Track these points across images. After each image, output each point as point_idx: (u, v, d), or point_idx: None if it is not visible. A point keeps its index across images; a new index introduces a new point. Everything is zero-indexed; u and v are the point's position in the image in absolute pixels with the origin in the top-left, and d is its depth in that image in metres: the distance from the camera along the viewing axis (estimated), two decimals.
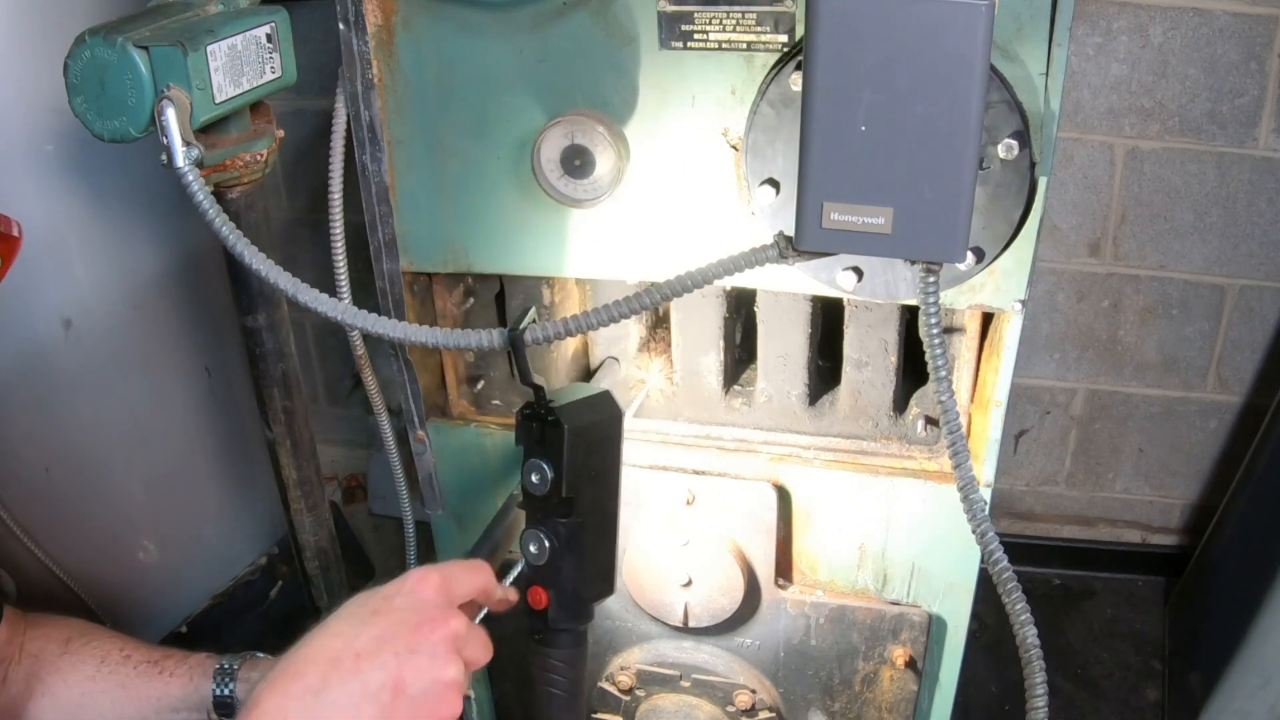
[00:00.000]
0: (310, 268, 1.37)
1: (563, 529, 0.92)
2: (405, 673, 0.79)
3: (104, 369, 1.53)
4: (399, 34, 1.00)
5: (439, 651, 0.81)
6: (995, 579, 0.83)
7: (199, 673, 1.07)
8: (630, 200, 1.02)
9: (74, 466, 1.53)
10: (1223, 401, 2.14)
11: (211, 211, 0.87)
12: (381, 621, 0.81)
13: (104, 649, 1.09)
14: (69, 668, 1.07)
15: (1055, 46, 0.89)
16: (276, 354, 1.17)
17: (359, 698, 0.77)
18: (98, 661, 1.08)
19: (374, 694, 0.78)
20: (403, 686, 0.79)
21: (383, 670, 0.78)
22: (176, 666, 1.08)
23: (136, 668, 1.07)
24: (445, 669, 0.81)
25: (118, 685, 1.06)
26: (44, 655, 1.07)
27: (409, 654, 0.79)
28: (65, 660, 1.07)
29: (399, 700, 0.78)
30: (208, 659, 1.08)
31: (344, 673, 0.78)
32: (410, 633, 0.81)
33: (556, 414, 0.89)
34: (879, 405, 1.17)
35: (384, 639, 0.80)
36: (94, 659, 1.08)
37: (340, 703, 0.77)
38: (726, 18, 0.92)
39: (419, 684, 0.79)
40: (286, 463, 1.24)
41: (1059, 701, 2.08)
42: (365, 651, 0.79)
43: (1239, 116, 1.86)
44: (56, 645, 1.08)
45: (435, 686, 0.80)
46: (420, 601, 0.84)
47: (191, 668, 1.08)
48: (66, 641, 1.08)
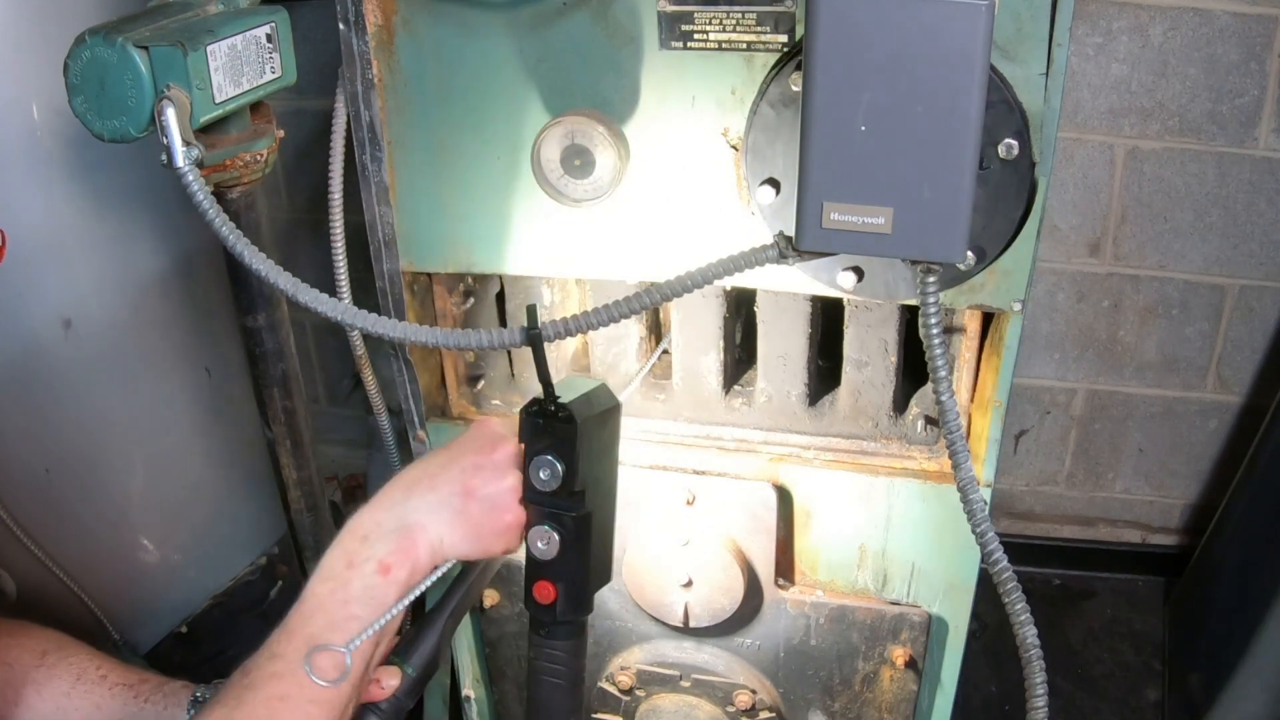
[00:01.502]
0: (310, 268, 1.37)
1: (571, 522, 0.93)
2: (472, 483, 0.93)
3: (104, 369, 1.53)
4: (399, 34, 1.00)
5: (499, 465, 0.95)
6: (995, 579, 0.83)
7: (173, 701, 1.06)
8: (630, 200, 1.02)
9: (74, 466, 1.53)
10: (1223, 401, 2.14)
11: (211, 211, 0.87)
12: (450, 451, 0.97)
13: (80, 666, 1.08)
14: (44, 681, 1.07)
15: (1055, 46, 0.89)
16: (276, 354, 1.17)
17: (435, 505, 0.93)
18: (74, 678, 1.07)
19: (446, 500, 0.93)
20: (472, 491, 0.93)
21: (452, 483, 0.93)
22: (152, 693, 1.07)
23: (111, 689, 1.07)
24: (505, 477, 0.94)
25: (93, 705, 1.06)
26: (19, 665, 1.06)
27: (474, 469, 0.94)
28: (40, 673, 1.07)
29: (470, 503, 0.93)
30: (183, 688, 1.08)
31: (422, 488, 0.93)
32: (473, 453, 0.95)
33: (568, 409, 0.90)
34: (879, 405, 1.17)
35: (452, 459, 0.96)
36: (70, 675, 1.07)
37: (421, 509, 0.92)
38: (726, 18, 0.92)
39: (484, 490, 0.94)
40: (286, 463, 1.24)
41: (1059, 701, 2.08)
42: (437, 471, 0.95)
43: (1239, 116, 1.86)
44: (33, 656, 1.07)
45: (499, 494, 0.94)
46: (481, 433, 0.99)
47: (166, 695, 1.07)
48: (43, 654, 1.08)
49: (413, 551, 0.91)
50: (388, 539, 0.90)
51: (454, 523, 0.93)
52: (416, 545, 0.91)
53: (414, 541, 0.91)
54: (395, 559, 0.90)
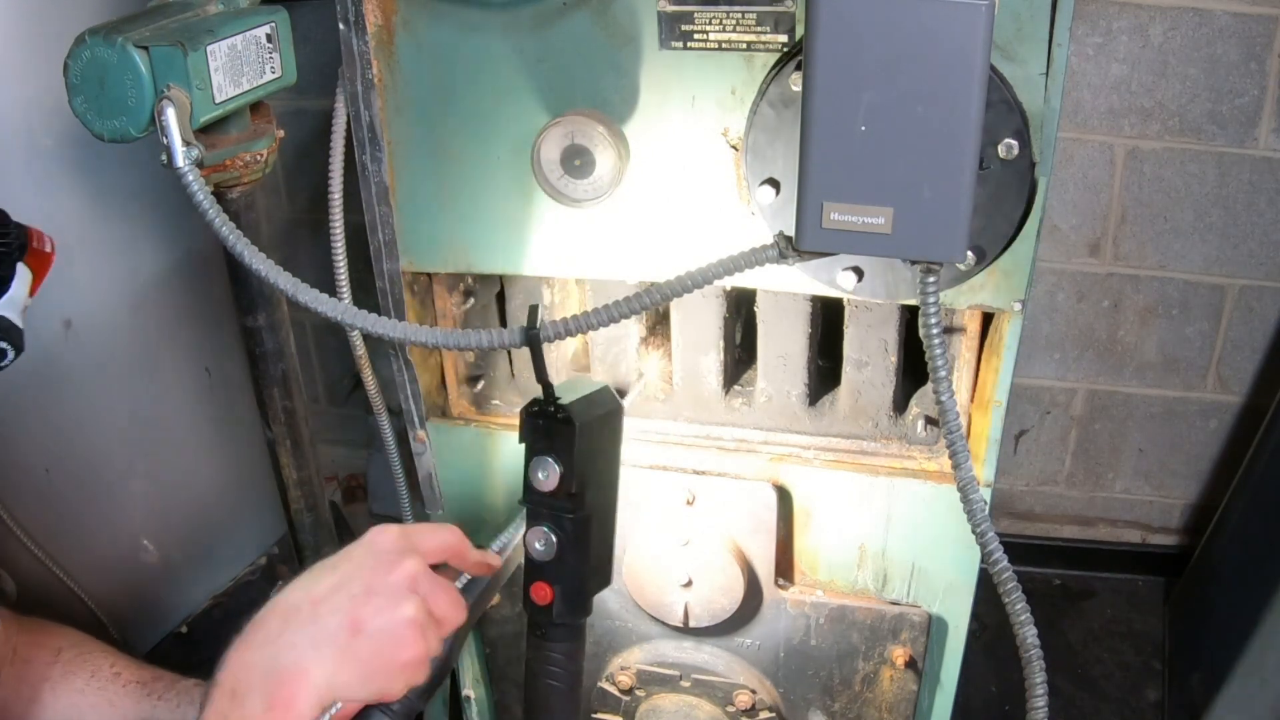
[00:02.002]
0: (310, 268, 1.37)
1: (569, 524, 0.93)
2: (362, 613, 0.80)
3: (104, 369, 1.53)
4: (399, 34, 1.00)
5: (395, 590, 0.82)
6: (995, 579, 0.83)
7: (186, 700, 1.06)
8: (630, 200, 1.02)
9: (74, 466, 1.53)
10: (1223, 401, 2.14)
11: (211, 211, 0.87)
12: (338, 570, 0.83)
13: (95, 663, 1.08)
14: (59, 678, 1.07)
15: (1055, 46, 0.89)
16: (276, 354, 1.17)
17: (317, 639, 0.79)
18: (88, 675, 1.07)
19: (331, 635, 0.79)
20: (360, 625, 0.80)
21: (338, 613, 0.80)
22: (165, 690, 1.07)
23: (125, 686, 1.07)
24: (401, 606, 0.81)
25: (106, 702, 1.06)
26: (35, 661, 1.07)
27: (365, 595, 0.81)
28: (56, 670, 1.07)
29: (357, 639, 0.79)
30: (195, 686, 1.07)
31: (302, 619, 0.80)
32: (367, 575, 0.82)
33: (567, 410, 0.89)
34: (879, 405, 1.17)
35: (339, 584, 0.82)
36: (84, 672, 1.07)
37: (300, 645, 0.79)
38: (726, 18, 0.92)
39: (376, 622, 0.80)
40: (286, 463, 1.24)
41: (1059, 701, 2.08)
42: (321, 597, 0.81)
43: (1239, 116, 1.86)
44: (48, 653, 1.08)
45: (394, 624, 0.81)
46: (377, 549, 0.85)
47: (179, 693, 1.07)
48: (58, 651, 1.08)
49: (292, 706, 0.77)
50: (260, 692, 0.77)
51: (340, 662, 0.79)
52: (295, 696, 0.77)
53: (293, 691, 0.77)
54: (272, 717, 0.76)
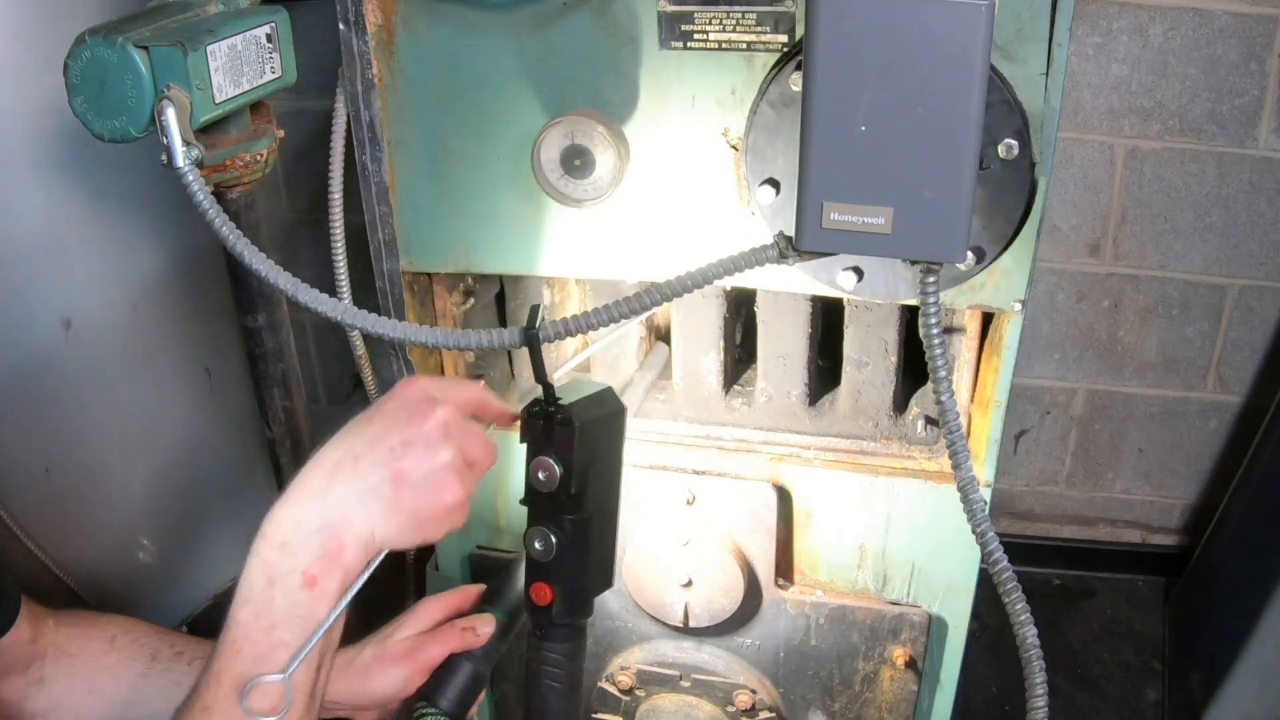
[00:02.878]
0: (310, 268, 1.37)
1: (569, 525, 0.92)
2: (403, 464, 0.81)
3: (104, 369, 1.53)
4: (399, 34, 1.00)
5: (431, 439, 0.83)
6: (995, 579, 0.83)
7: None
8: (630, 200, 1.02)
9: (74, 466, 1.53)
10: (1223, 401, 2.14)
11: (211, 211, 0.87)
12: (375, 425, 0.84)
13: (154, 645, 1.08)
14: (118, 665, 1.06)
15: (1055, 46, 0.89)
16: (276, 354, 1.17)
17: (362, 493, 0.80)
18: (148, 659, 1.07)
19: (375, 488, 0.81)
20: (402, 477, 0.81)
21: (380, 466, 0.81)
22: None
23: (190, 664, 1.07)
24: (439, 453, 0.83)
25: (171, 683, 1.05)
26: (87, 654, 1.06)
27: (403, 446, 0.82)
28: (112, 658, 1.07)
29: (401, 490, 0.81)
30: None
31: (345, 474, 0.81)
32: (402, 428, 0.83)
33: (567, 411, 0.89)
34: (879, 405, 1.17)
35: (378, 438, 0.83)
36: (144, 656, 1.07)
37: (347, 499, 0.80)
38: (726, 18, 0.92)
39: (417, 472, 0.82)
40: (286, 463, 1.24)
41: (1059, 701, 2.08)
42: (362, 452, 0.82)
43: (1239, 116, 1.86)
44: (100, 643, 1.07)
45: (434, 472, 0.82)
46: (408, 399, 0.86)
47: None
48: (111, 639, 1.08)
49: (340, 556, 0.79)
50: (310, 543, 0.79)
51: (386, 514, 0.81)
52: (344, 547, 0.79)
53: (341, 543, 0.79)
54: (321, 568, 0.79)
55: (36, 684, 1.04)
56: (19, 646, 1.03)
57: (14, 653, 1.02)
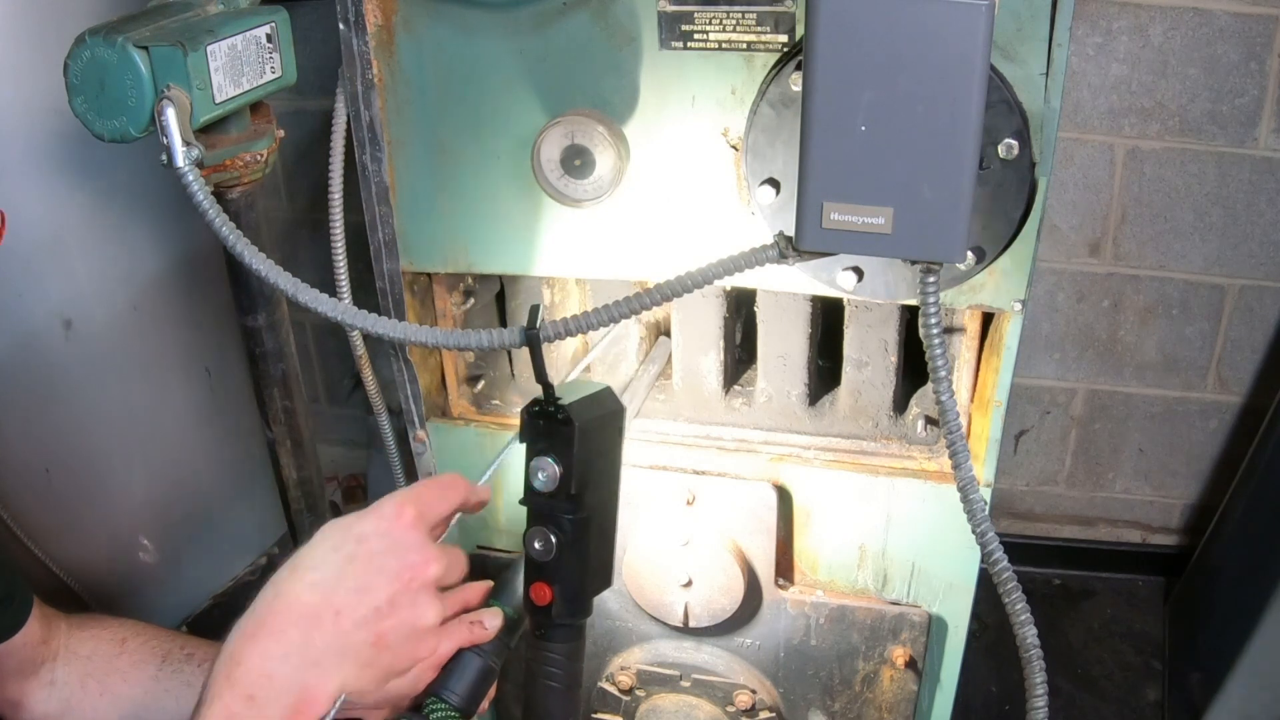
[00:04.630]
0: (310, 268, 1.37)
1: (569, 525, 0.92)
2: (385, 627, 0.79)
3: (104, 369, 1.53)
4: (399, 34, 1.00)
5: (419, 600, 0.80)
6: (995, 579, 0.83)
7: None
8: (630, 200, 1.02)
9: (74, 466, 1.53)
10: (1223, 401, 2.14)
11: (211, 211, 0.87)
12: (359, 570, 0.79)
13: (164, 648, 1.08)
14: (129, 668, 1.07)
15: (1055, 46, 0.89)
16: (276, 354, 1.17)
17: (340, 654, 0.77)
18: (159, 660, 1.07)
19: (355, 650, 0.78)
20: (384, 641, 0.79)
21: (363, 628, 0.78)
22: None
23: (200, 665, 1.07)
24: (425, 615, 0.81)
25: (184, 684, 1.06)
26: (98, 656, 1.07)
27: (389, 607, 0.79)
28: (124, 660, 1.07)
29: (380, 653, 0.79)
30: None
31: (325, 632, 0.77)
32: (389, 583, 0.79)
33: (567, 411, 0.89)
34: (879, 405, 1.17)
35: (363, 591, 0.78)
36: (155, 658, 1.07)
37: (324, 662, 0.77)
38: (726, 18, 0.92)
39: (399, 634, 0.79)
40: (286, 463, 1.24)
41: (1059, 701, 2.08)
42: (345, 607, 0.78)
43: (1239, 116, 1.86)
44: (111, 645, 1.08)
45: (416, 634, 0.81)
46: (397, 544, 0.81)
47: None
48: (122, 641, 1.08)
49: (310, 711, 0.76)
50: (280, 700, 0.75)
51: (360, 674, 0.78)
52: (315, 704, 0.76)
53: (312, 701, 0.76)
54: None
55: (48, 685, 1.05)
56: (31, 648, 1.03)
57: (26, 654, 1.03)
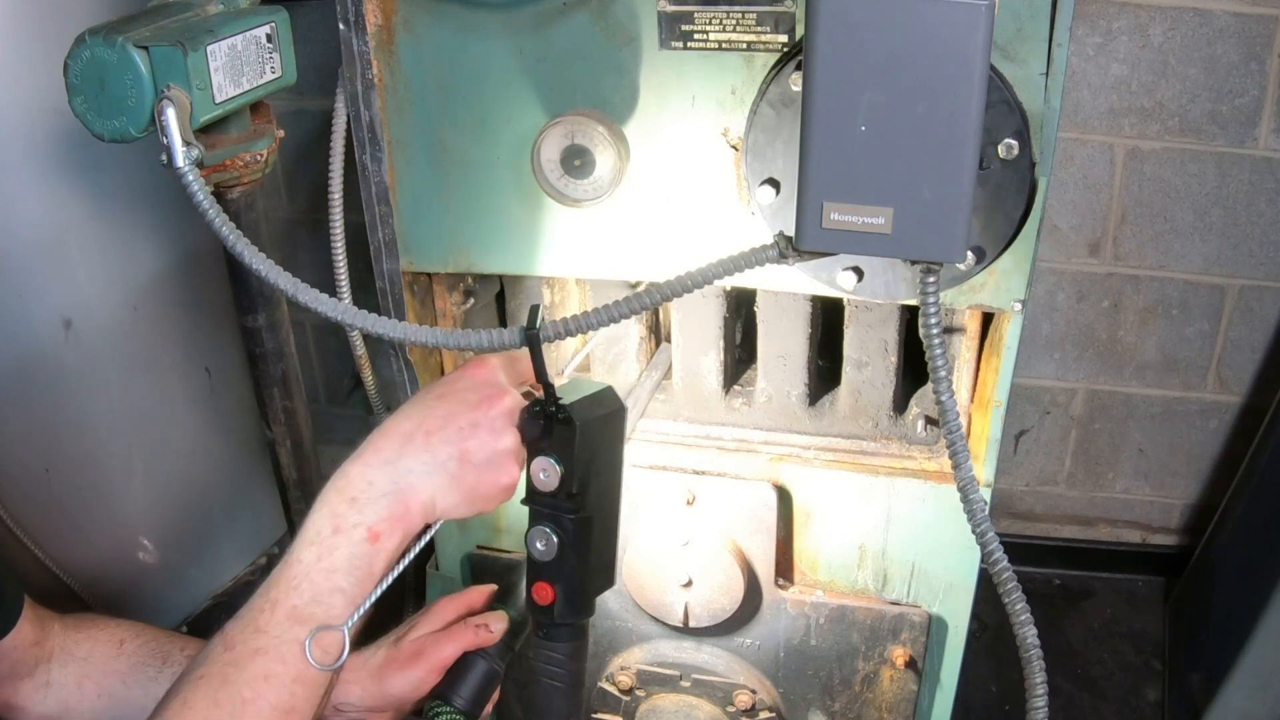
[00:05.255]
0: (310, 268, 1.37)
1: (571, 524, 0.92)
2: (469, 445, 0.88)
3: (104, 369, 1.53)
4: (399, 34, 1.00)
5: (497, 425, 0.89)
6: (995, 579, 0.83)
7: None
8: (630, 200, 1.02)
9: (74, 466, 1.53)
10: (1223, 401, 2.14)
11: (211, 211, 0.87)
12: (446, 402, 0.91)
13: (164, 650, 1.08)
14: (127, 669, 1.06)
15: (1055, 46, 0.89)
16: (276, 354, 1.17)
17: (430, 467, 0.87)
18: (159, 662, 1.07)
19: (443, 464, 0.88)
20: (467, 456, 0.88)
21: (449, 444, 0.88)
22: None
23: None
24: (502, 438, 0.89)
25: None
26: (95, 657, 1.06)
27: (471, 428, 0.89)
28: (122, 662, 1.07)
29: (465, 468, 0.88)
30: None
31: (416, 446, 0.88)
32: (471, 409, 0.89)
33: (568, 411, 0.89)
34: (879, 405, 1.17)
35: (449, 416, 0.89)
36: (155, 660, 1.07)
37: (416, 470, 0.87)
38: (726, 18, 0.92)
39: (481, 453, 0.88)
40: (286, 463, 1.24)
41: (1059, 701, 2.08)
42: (434, 428, 0.88)
43: (1239, 116, 1.86)
44: (109, 647, 1.07)
45: (496, 455, 0.89)
46: (479, 382, 0.92)
47: None
48: (120, 643, 1.08)
49: (405, 518, 0.86)
50: (379, 503, 0.85)
51: (449, 486, 0.88)
52: (409, 510, 0.87)
53: (407, 506, 0.86)
54: (386, 526, 0.85)
55: (43, 687, 1.04)
56: (23, 649, 1.02)
57: (18, 655, 1.02)
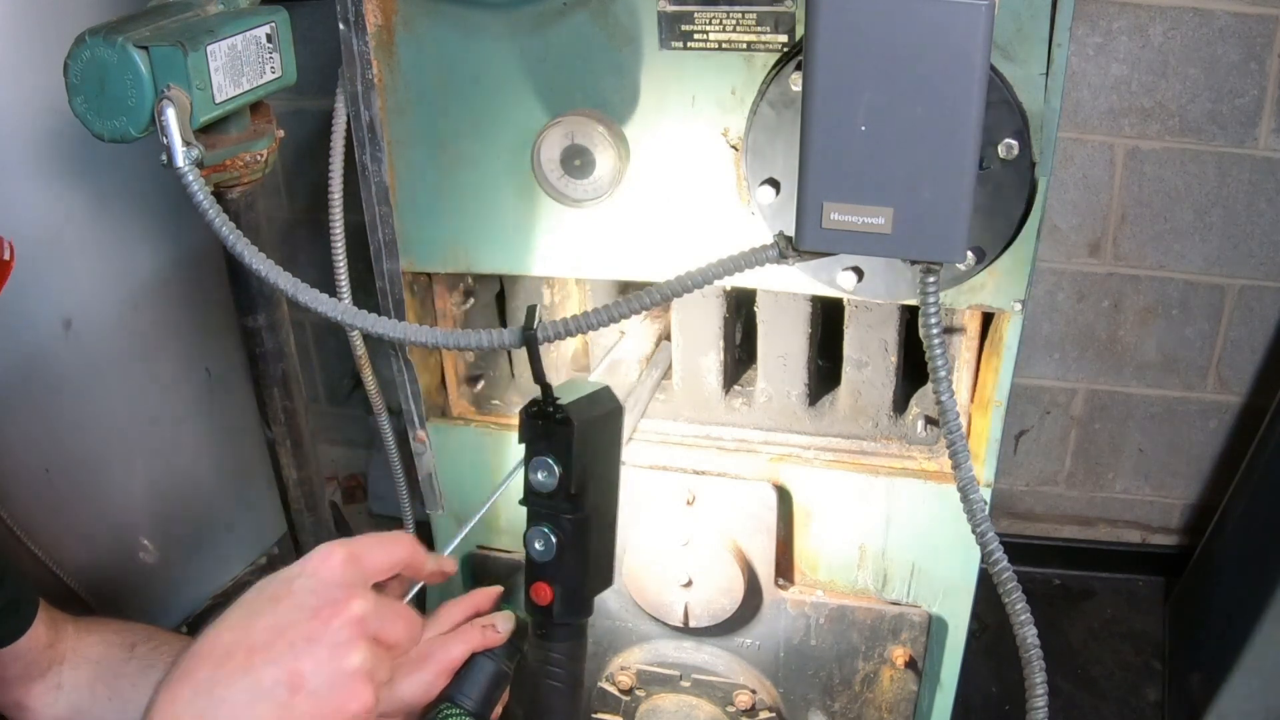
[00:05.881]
0: (310, 268, 1.37)
1: (569, 525, 0.92)
2: (302, 666, 0.72)
3: (104, 369, 1.53)
4: (399, 34, 1.00)
5: (341, 638, 0.73)
6: (995, 579, 0.83)
7: None
8: (630, 200, 1.02)
9: (74, 466, 1.53)
10: (1223, 401, 2.14)
11: (211, 211, 0.87)
12: (278, 609, 0.75)
13: (175, 653, 1.05)
14: (137, 672, 1.05)
15: (1055, 46, 0.89)
16: (276, 354, 1.17)
17: (252, 696, 0.71)
18: (169, 666, 1.06)
19: (268, 691, 0.71)
20: (300, 682, 0.71)
21: (276, 665, 0.71)
22: None
23: None
24: (348, 657, 0.73)
25: None
26: (107, 660, 1.06)
27: (306, 644, 0.72)
28: (133, 665, 1.06)
29: (298, 697, 0.71)
30: None
31: (234, 669, 0.71)
32: (308, 619, 0.73)
33: (565, 411, 0.89)
34: (879, 405, 1.17)
35: (279, 629, 0.73)
36: (165, 663, 1.05)
37: (232, 701, 0.70)
38: (726, 18, 0.92)
39: (319, 677, 0.72)
40: (286, 463, 1.24)
41: (1059, 701, 2.08)
42: (258, 644, 0.72)
43: (1239, 116, 1.86)
44: (121, 650, 1.07)
45: (339, 678, 0.73)
46: (321, 583, 0.76)
47: None
48: (131, 646, 1.07)
49: None
50: None
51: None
52: None
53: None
54: None
55: (55, 689, 1.04)
56: (37, 651, 1.02)
57: (31, 657, 1.02)
